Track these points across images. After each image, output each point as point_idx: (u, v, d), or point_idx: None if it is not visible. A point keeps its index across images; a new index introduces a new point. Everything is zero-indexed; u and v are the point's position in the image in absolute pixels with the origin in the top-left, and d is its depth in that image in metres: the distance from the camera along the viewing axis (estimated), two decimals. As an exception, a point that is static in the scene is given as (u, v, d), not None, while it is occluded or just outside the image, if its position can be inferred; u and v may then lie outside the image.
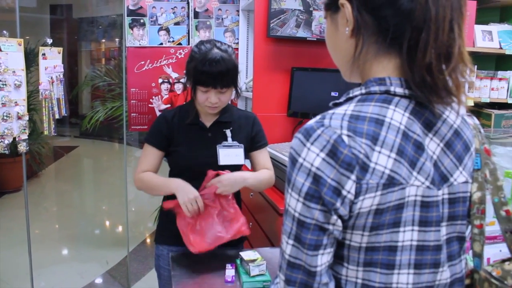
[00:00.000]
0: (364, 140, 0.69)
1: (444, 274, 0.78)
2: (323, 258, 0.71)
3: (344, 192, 0.68)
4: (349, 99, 0.77)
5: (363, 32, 0.75)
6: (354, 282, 0.74)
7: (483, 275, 0.88)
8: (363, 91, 0.75)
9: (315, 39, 2.45)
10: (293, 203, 0.71)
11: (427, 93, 0.72)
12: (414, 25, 0.70)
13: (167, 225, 1.80)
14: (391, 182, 0.69)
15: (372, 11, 0.73)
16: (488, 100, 3.23)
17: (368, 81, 0.76)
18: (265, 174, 1.80)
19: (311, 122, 0.72)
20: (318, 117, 0.73)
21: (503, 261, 0.96)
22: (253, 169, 1.87)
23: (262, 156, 1.86)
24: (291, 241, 0.72)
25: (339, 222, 0.70)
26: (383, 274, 0.73)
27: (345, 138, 0.68)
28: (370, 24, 0.74)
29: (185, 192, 1.62)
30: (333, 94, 2.36)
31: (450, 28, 0.70)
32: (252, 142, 1.83)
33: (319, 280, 0.72)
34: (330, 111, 0.73)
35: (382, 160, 0.69)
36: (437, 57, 0.70)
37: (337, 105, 0.78)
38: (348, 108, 0.73)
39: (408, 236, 0.73)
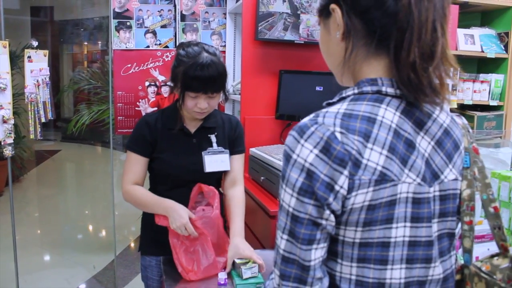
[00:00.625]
0: (356, 137, 0.71)
1: (437, 270, 0.80)
2: (317, 253, 0.73)
3: (337, 187, 0.71)
4: (342, 99, 0.79)
5: (353, 35, 0.78)
6: (349, 278, 0.76)
7: (473, 270, 0.91)
8: (356, 91, 0.78)
9: (303, 42, 2.47)
10: (287, 198, 0.73)
11: (413, 91, 0.75)
12: (398, 26, 0.73)
13: (153, 235, 1.75)
14: (383, 179, 0.72)
15: (361, 14, 0.77)
16: (470, 102, 3.30)
17: (360, 82, 0.79)
18: (243, 202, 1.76)
19: (305, 120, 0.75)
20: (311, 115, 0.75)
21: (492, 256, 1.00)
22: (224, 173, 1.81)
23: (238, 162, 1.81)
24: (285, 236, 0.74)
25: (332, 217, 0.73)
26: (376, 269, 0.75)
27: (338, 135, 0.71)
28: (359, 28, 0.77)
29: (175, 218, 1.55)
30: (317, 88, 2.38)
31: (433, 28, 0.73)
32: (232, 146, 1.79)
33: (313, 275, 0.73)
34: (324, 110, 0.76)
35: (374, 157, 0.72)
36: (421, 56, 0.73)
37: (330, 104, 0.80)
38: (341, 107, 0.75)
39: (400, 232, 0.75)
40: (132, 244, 4.20)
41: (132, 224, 4.56)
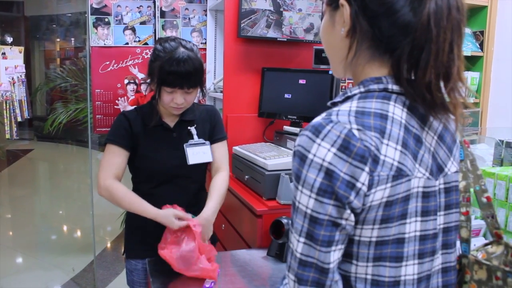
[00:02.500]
0: (373, 133, 0.71)
1: (437, 261, 0.82)
2: (335, 255, 0.72)
3: (358, 185, 0.69)
4: (348, 98, 0.79)
5: (358, 35, 0.77)
6: (364, 278, 0.75)
7: (472, 258, 0.94)
8: (362, 89, 0.78)
9: (286, 39, 2.46)
10: (305, 199, 0.71)
11: (426, 107, 0.75)
12: (415, 43, 0.72)
13: (139, 237, 1.72)
14: (399, 174, 0.72)
15: (370, 19, 0.76)
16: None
17: (364, 81, 0.78)
18: (222, 186, 1.74)
19: (318, 119, 0.73)
20: (323, 114, 0.74)
21: (485, 245, 1.03)
22: (210, 163, 1.81)
23: (220, 150, 1.80)
24: (302, 239, 0.72)
25: (352, 217, 0.71)
26: (392, 267, 0.75)
27: (356, 132, 0.70)
28: (366, 30, 0.76)
29: (168, 219, 1.56)
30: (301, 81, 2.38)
31: (450, 49, 0.72)
32: (212, 134, 1.79)
33: (331, 277, 0.72)
34: (335, 109, 0.75)
35: (390, 152, 0.71)
36: (436, 76, 0.72)
37: (334, 104, 0.80)
38: (351, 105, 0.75)
39: (413, 227, 0.75)
40: (109, 245, 4.12)
41: (108, 224, 4.48)
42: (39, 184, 6.94)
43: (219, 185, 1.73)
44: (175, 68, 1.54)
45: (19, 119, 2.55)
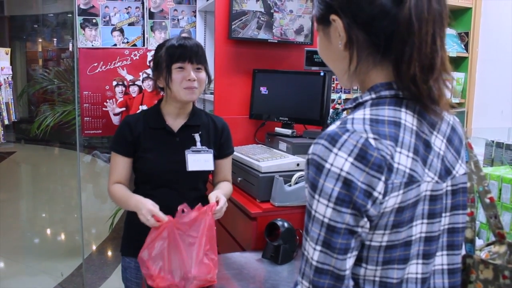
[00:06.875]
0: (388, 142, 0.72)
1: (437, 260, 0.83)
2: (350, 261, 0.73)
3: (375, 194, 0.70)
4: (360, 104, 0.79)
5: (356, 45, 0.78)
6: (372, 280, 0.77)
7: (477, 258, 0.95)
8: (373, 96, 0.78)
9: (276, 41, 2.46)
10: (322, 208, 0.71)
11: (415, 101, 0.76)
12: (399, 38, 0.73)
13: (134, 235, 1.70)
14: (410, 180, 0.73)
15: (363, 27, 0.76)
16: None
17: (374, 86, 0.79)
18: (229, 188, 1.81)
19: (333, 128, 0.73)
20: (337, 123, 0.75)
21: (488, 245, 1.05)
22: (213, 176, 1.85)
23: (226, 165, 1.84)
24: (318, 247, 0.72)
25: (368, 224, 0.72)
26: (400, 269, 0.76)
27: (372, 141, 0.70)
28: (362, 39, 0.77)
29: (141, 211, 1.51)
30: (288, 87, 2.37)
31: (432, 41, 0.73)
32: (220, 149, 1.80)
33: (347, 284, 0.73)
34: (349, 116, 0.75)
35: (403, 160, 0.72)
36: (421, 69, 0.73)
37: (345, 110, 0.82)
38: (365, 113, 0.75)
39: (418, 229, 0.77)
40: (97, 249, 4.06)
41: (94, 227, 4.42)
42: (27, 187, 6.80)
43: (227, 185, 1.82)
44: (181, 42, 1.65)
45: (6, 122, 2.50)
